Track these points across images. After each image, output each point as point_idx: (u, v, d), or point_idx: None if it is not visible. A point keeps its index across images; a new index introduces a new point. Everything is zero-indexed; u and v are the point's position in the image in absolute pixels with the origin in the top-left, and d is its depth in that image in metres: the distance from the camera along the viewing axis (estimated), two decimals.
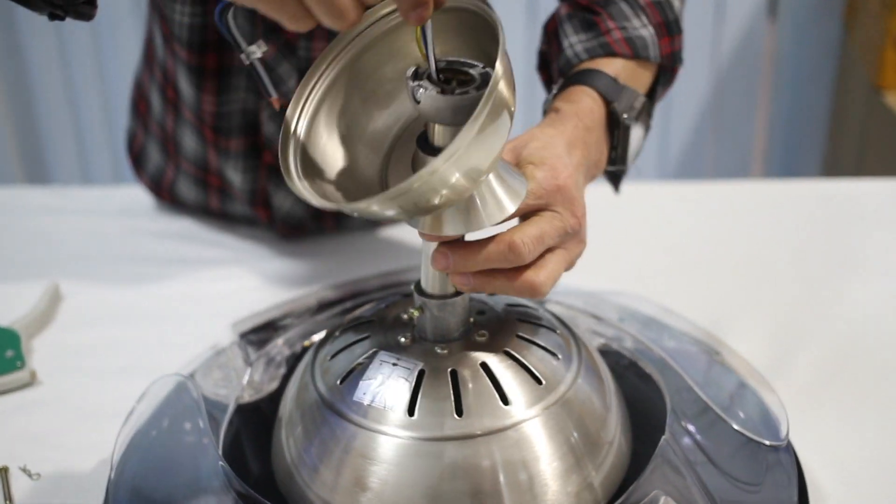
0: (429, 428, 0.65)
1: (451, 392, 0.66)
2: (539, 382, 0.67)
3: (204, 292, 1.04)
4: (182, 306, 1.02)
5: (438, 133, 0.62)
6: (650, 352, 0.81)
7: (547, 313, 0.75)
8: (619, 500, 0.65)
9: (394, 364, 0.68)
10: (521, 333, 0.70)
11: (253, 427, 0.80)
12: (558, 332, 0.72)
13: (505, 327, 0.71)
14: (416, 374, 0.67)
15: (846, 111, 2.18)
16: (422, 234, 0.65)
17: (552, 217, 0.67)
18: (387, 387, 0.67)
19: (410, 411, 0.66)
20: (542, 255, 0.66)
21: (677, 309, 0.90)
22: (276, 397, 0.82)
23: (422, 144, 0.63)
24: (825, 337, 0.94)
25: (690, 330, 0.86)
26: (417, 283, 0.70)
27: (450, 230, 0.63)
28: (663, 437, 0.69)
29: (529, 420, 0.66)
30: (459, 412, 0.65)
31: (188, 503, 0.71)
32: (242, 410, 0.79)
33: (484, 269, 0.65)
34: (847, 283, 1.03)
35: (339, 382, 0.69)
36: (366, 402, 0.67)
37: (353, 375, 0.68)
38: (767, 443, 0.71)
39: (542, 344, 0.70)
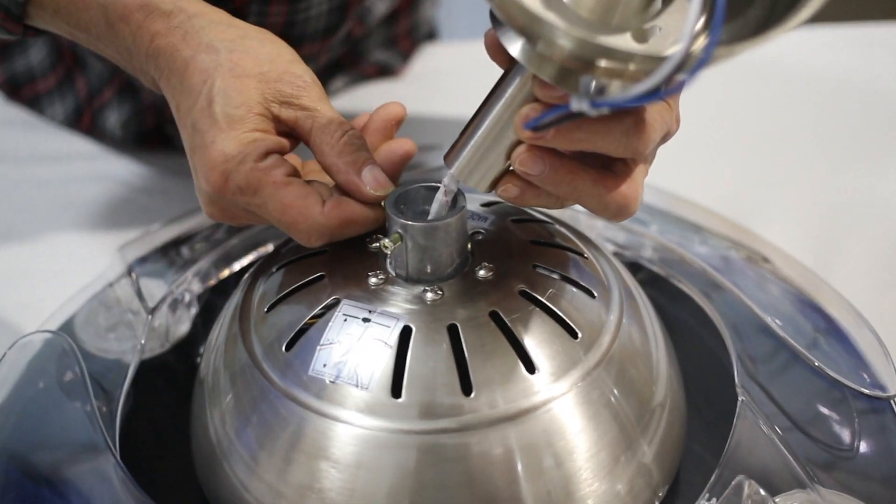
0: (425, 414, 0.45)
1: (454, 359, 0.45)
2: (574, 335, 0.47)
3: (74, 204, 0.80)
4: (47, 225, 0.77)
5: None
6: (683, 262, 0.62)
7: (560, 226, 0.54)
8: (702, 498, 0.47)
9: (365, 320, 0.47)
10: (539, 263, 0.49)
11: (161, 392, 0.59)
12: (586, 254, 0.52)
13: (515, 254, 0.50)
14: (398, 333, 0.46)
15: None
16: (538, 85, 0.43)
17: (667, 110, 0.45)
18: (357, 355, 0.46)
19: (395, 391, 0.45)
20: (628, 165, 0.46)
21: (694, 199, 0.70)
22: (187, 346, 0.60)
23: None
24: (873, 222, 0.76)
25: (723, 228, 0.67)
26: (390, 199, 0.48)
27: None
28: (741, 399, 0.50)
29: (567, 393, 0.46)
30: (467, 389, 0.45)
31: None
32: (144, 371, 0.58)
33: (584, 149, 0.44)
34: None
35: (284, 349, 0.48)
36: (328, 379, 0.46)
37: (305, 339, 0.47)
38: (867, 392, 0.53)
39: (572, 276, 0.49)
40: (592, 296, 0.49)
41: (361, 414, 0.45)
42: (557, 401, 0.46)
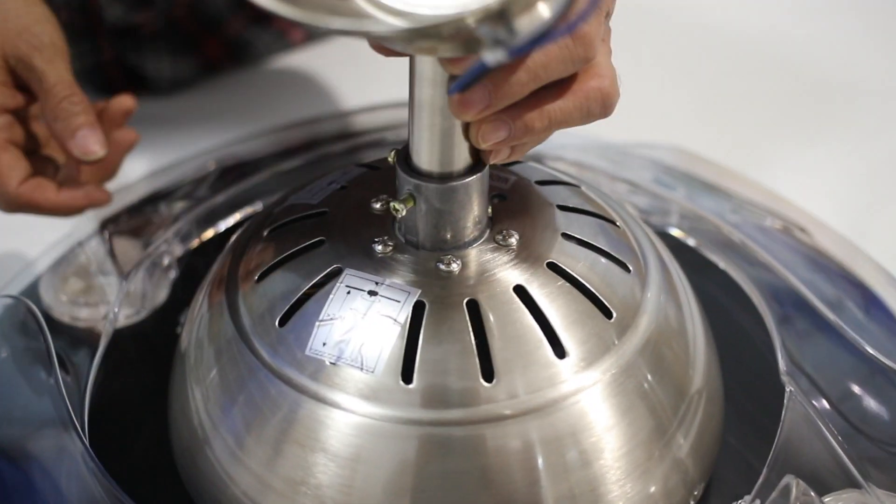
0: (439, 403, 0.39)
1: (473, 340, 0.40)
2: (608, 315, 0.42)
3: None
4: None
5: None
6: (716, 232, 0.56)
7: (590, 190, 0.48)
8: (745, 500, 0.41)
9: (371, 293, 0.41)
10: (568, 231, 0.44)
11: (136, 366, 0.53)
12: (617, 222, 0.46)
13: (541, 221, 0.44)
14: (409, 309, 0.40)
15: None
16: (446, 63, 0.37)
17: None
18: (362, 333, 0.40)
19: (406, 375, 0.39)
20: None
21: (723, 163, 0.65)
22: (166, 314, 0.55)
23: None
24: None
25: (755, 195, 0.61)
26: (401, 153, 0.42)
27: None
28: (788, 389, 0.45)
29: (599, 383, 0.40)
30: (489, 374, 0.39)
31: None
32: (118, 341, 0.52)
33: (536, 87, 0.38)
34: None
35: (277, 323, 0.42)
36: (328, 360, 0.40)
37: (302, 312, 0.41)
38: None
39: (604, 247, 0.44)
40: (627, 269, 0.43)
41: (365, 401, 0.39)
42: (588, 391, 0.40)
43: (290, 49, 0.82)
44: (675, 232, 0.57)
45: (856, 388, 0.48)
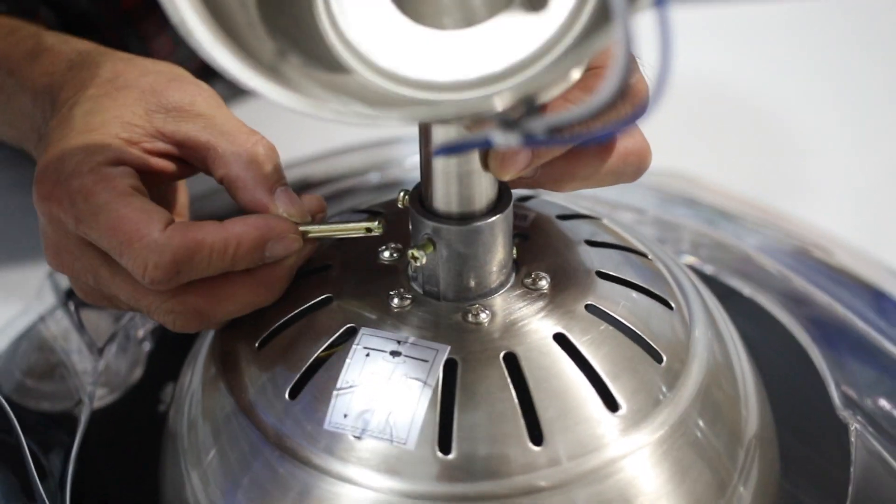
0: (488, 473, 0.34)
1: (516, 399, 0.35)
2: (658, 359, 0.37)
3: None
4: None
5: None
6: (738, 258, 0.52)
7: (612, 223, 0.44)
8: None
9: (394, 353, 0.36)
10: (602, 269, 0.39)
11: (117, 451, 0.47)
12: (649, 256, 0.42)
13: (570, 259, 0.40)
14: (440, 369, 0.35)
15: None
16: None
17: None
18: (389, 401, 0.35)
19: (444, 445, 0.34)
20: None
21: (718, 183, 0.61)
22: (143, 392, 0.49)
23: None
24: None
25: (766, 217, 0.57)
26: (413, 194, 0.38)
27: None
28: (853, 427, 0.41)
29: (657, 436, 0.36)
30: (537, 437, 0.35)
31: None
32: (94, 425, 0.46)
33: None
34: None
35: (287, 396, 0.37)
36: (351, 434, 0.35)
37: (315, 381, 0.36)
38: None
39: (642, 284, 0.39)
40: (669, 307, 0.39)
41: (398, 477, 0.34)
42: (645, 448, 0.36)
43: (248, 97, 0.78)
44: (690, 259, 0.53)
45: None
